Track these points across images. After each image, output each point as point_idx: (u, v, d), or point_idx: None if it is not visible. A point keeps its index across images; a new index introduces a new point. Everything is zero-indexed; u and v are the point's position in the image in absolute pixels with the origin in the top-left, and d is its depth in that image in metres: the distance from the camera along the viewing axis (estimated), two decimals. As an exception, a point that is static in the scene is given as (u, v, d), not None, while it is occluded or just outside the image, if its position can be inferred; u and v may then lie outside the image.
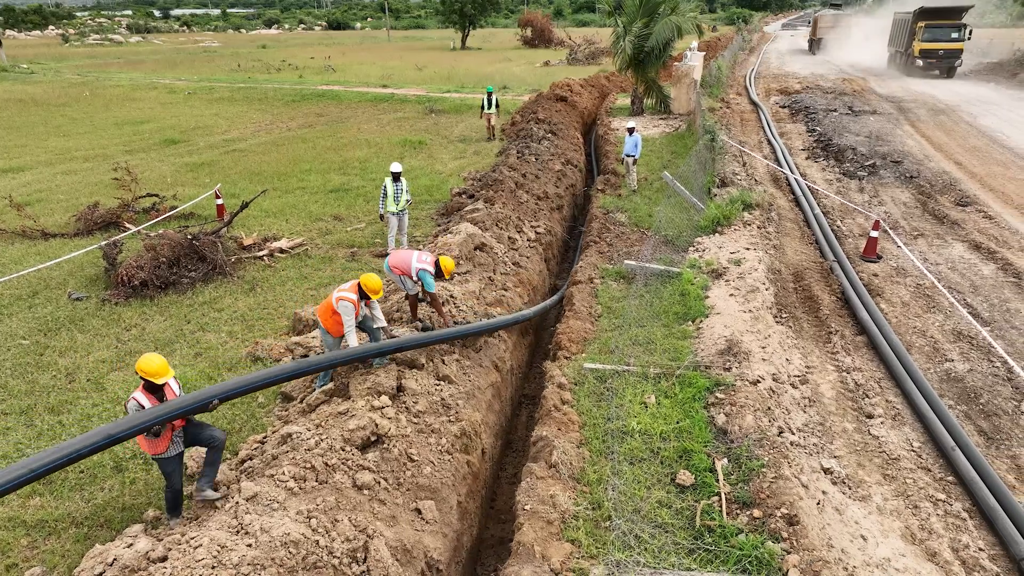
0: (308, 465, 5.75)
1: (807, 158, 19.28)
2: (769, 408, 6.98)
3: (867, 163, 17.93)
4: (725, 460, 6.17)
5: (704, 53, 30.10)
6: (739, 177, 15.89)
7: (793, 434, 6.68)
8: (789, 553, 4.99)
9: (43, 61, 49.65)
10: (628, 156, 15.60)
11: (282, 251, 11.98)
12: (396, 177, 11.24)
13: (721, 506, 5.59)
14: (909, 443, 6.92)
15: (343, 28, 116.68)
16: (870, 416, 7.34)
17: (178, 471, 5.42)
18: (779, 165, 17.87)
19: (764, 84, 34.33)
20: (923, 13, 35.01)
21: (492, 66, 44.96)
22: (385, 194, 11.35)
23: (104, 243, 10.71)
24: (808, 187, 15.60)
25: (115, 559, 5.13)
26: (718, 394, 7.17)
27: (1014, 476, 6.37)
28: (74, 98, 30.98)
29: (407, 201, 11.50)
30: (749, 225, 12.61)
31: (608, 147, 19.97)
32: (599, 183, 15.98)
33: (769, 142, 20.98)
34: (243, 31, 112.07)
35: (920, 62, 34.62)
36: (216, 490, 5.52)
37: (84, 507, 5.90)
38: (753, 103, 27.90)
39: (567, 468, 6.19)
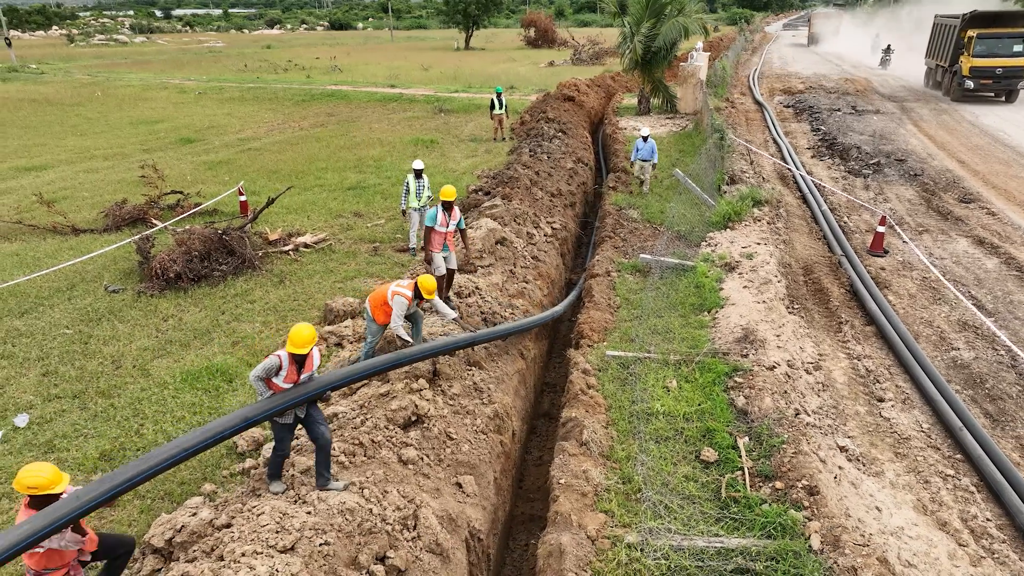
0: (356, 442, 6.14)
1: (812, 157, 19.65)
2: (785, 391, 7.35)
3: (872, 162, 18.30)
4: (746, 438, 6.55)
5: (709, 53, 30.45)
6: (747, 175, 16.27)
7: (809, 416, 7.05)
8: (811, 520, 5.36)
9: (51, 61, 49.99)
10: (644, 161, 15.31)
11: (306, 246, 12.34)
12: (418, 174, 11.58)
13: (744, 479, 5.97)
14: (919, 424, 7.29)
15: (345, 28, 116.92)
16: (881, 400, 7.71)
17: (287, 439, 5.52)
18: (785, 163, 18.24)
19: (767, 84, 34.71)
20: (976, 19, 26.70)
21: (497, 66, 45.31)
22: (407, 190, 11.68)
23: (137, 237, 11.07)
24: (815, 185, 15.98)
25: (183, 526, 5.52)
26: (737, 378, 7.54)
27: (1018, 454, 6.74)
28: (86, 98, 31.34)
29: (428, 197, 11.84)
30: (759, 221, 12.98)
31: (617, 146, 20.32)
32: (611, 181, 16.35)
33: (775, 141, 21.35)
34: (246, 31, 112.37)
35: (970, 83, 26.26)
36: (338, 480, 5.62)
37: (148, 483, 6.26)
38: (757, 103, 28.28)
39: (597, 446, 6.56)
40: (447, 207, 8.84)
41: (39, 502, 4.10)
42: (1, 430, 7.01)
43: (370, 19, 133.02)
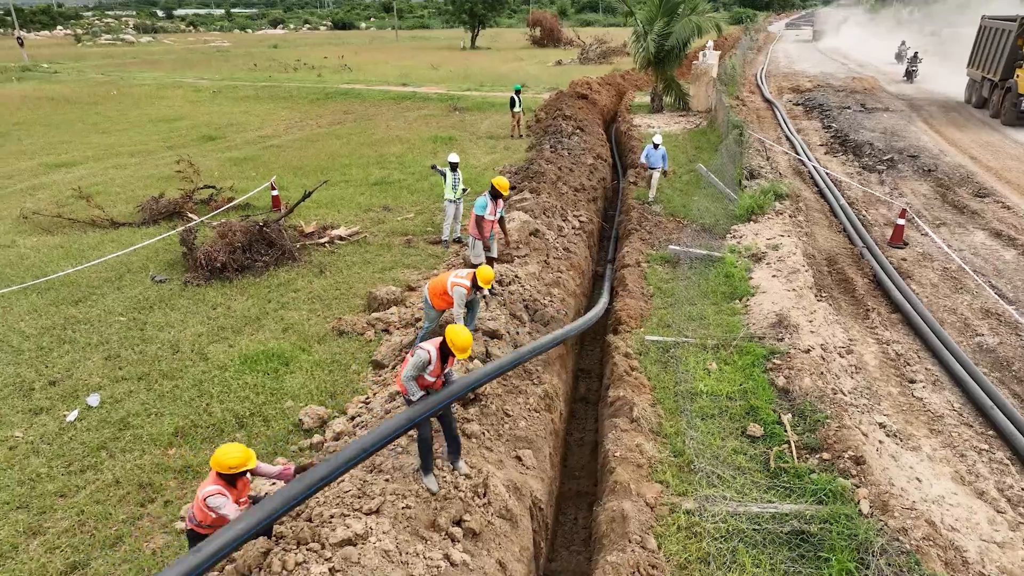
0: (422, 416, 6.45)
1: (826, 153, 19.96)
2: (822, 373, 7.68)
3: (885, 158, 18.61)
4: (790, 415, 6.88)
5: (719, 52, 30.76)
6: (764, 170, 16.59)
7: (845, 396, 7.38)
8: (859, 487, 5.69)
9: (61, 61, 50.30)
10: (652, 168, 14.89)
11: (341, 238, 12.67)
12: (454, 167, 11.91)
13: (792, 451, 6.30)
14: (950, 404, 7.62)
15: (348, 28, 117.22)
16: (912, 381, 8.04)
17: (427, 424, 5.47)
18: (800, 160, 18.55)
19: (775, 83, 34.99)
20: None
21: (506, 65, 45.63)
22: (445, 181, 12.02)
23: (182, 229, 11.40)
24: (831, 179, 16.30)
25: (266, 493, 5.84)
26: (775, 360, 7.87)
27: (1047, 431, 7.06)
28: (103, 97, 31.67)
29: (463, 190, 12.17)
30: (781, 214, 13.30)
31: (633, 143, 20.62)
32: (631, 176, 16.67)
33: (787, 138, 21.65)
34: (249, 31, 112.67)
35: None
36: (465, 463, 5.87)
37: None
38: (767, 101, 28.57)
39: (647, 422, 6.89)
40: (496, 196, 9.19)
41: (230, 477, 4.48)
42: (76, 409, 7.35)
43: (372, 19, 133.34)
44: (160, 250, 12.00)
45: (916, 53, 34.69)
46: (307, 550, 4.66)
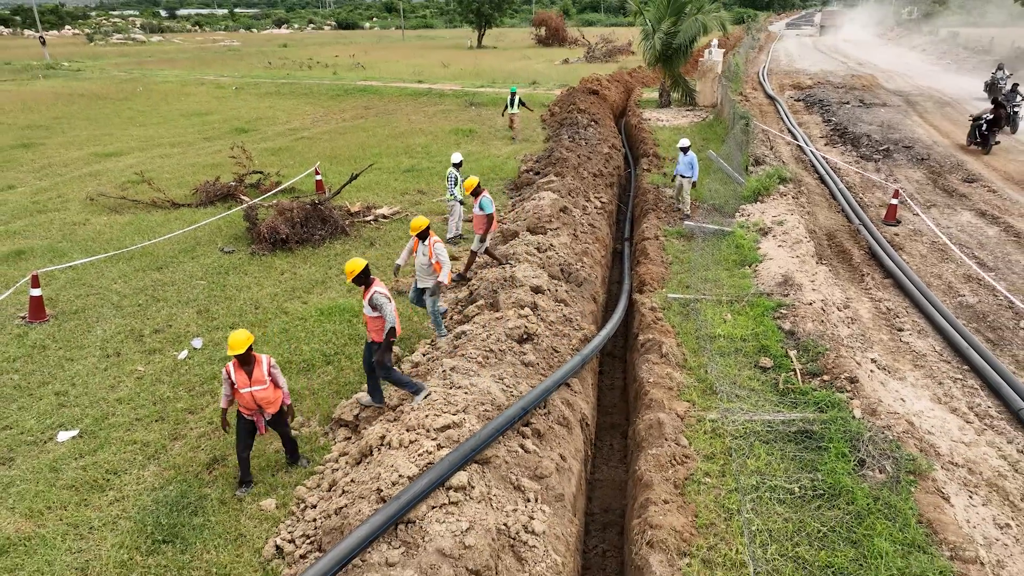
0: (487, 349, 7.71)
1: (826, 144, 21.19)
2: (823, 321, 8.92)
3: (881, 148, 19.86)
4: (795, 350, 8.12)
5: (724, 50, 32.02)
6: (768, 158, 17.83)
7: (843, 338, 8.62)
8: (853, 399, 6.93)
9: (79, 59, 51.57)
10: (683, 177, 13.83)
11: (384, 217, 13.92)
12: (458, 167, 12.44)
13: (797, 376, 7.54)
14: (933, 348, 8.86)
15: (352, 28, 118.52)
16: (900, 330, 9.29)
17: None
18: (802, 149, 19.79)
19: (777, 80, 36.22)
20: None
21: (513, 63, 46.88)
22: (455, 182, 12.26)
23: (245, 206, 12.65)
24: (830, 166, 17.54)
25: (360, 408, 7.11)
26: (782, 311, 9.11)
27: (1014, 366, 8.31)
28: (130, 93, 32.93)
29: (461, 190, 12.28)
30: (784, 196, 14.54)
31: (643, 135, 21.88)
32: (644, 164, 17.92)
33: (789, 131, 22.89)
34: (254, 31, 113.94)
35: None
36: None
37: (317, 383, 7.86)
38: (769, 97, 29.79)
39: (674, 357, 8.14)
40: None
41: (244, 359, 5.92)
42: (185, 349, 8.60)
43: (375, 19, 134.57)
44: (222, 227, 13.25)
45: (1016, 86, 20.23)
46: (416, 433, 5.90)
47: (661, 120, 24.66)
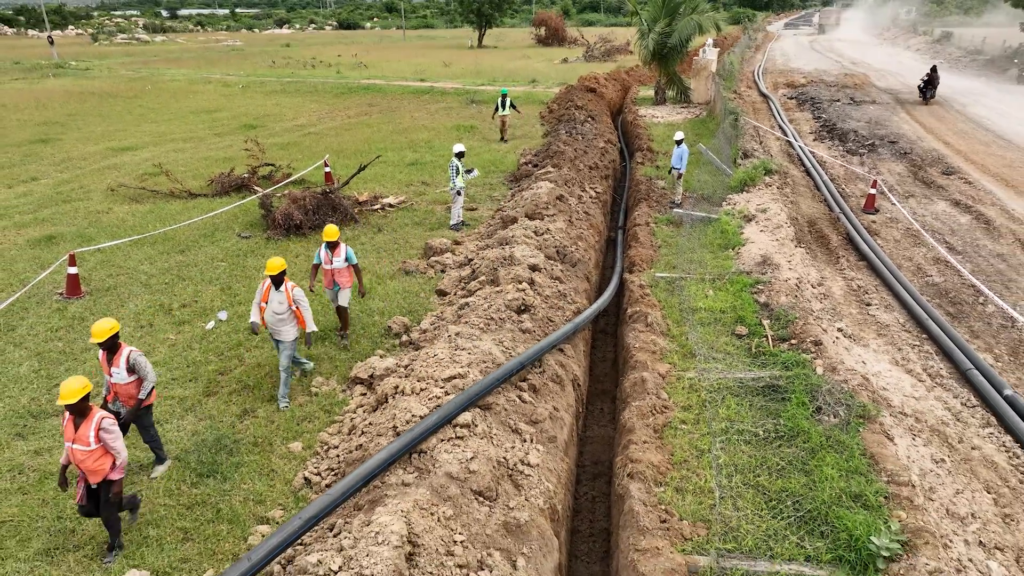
0: (488, 317, 8.52)
1: (814, 140, 22.00)
2: (796, 296, 9.72)
3: (867, 143, 20.66)
4: (768, 320, 8.92)
5: (719, 49, 32.80)
6: (757, 152, 18.63)
7: (813, 311, 9.42)
8: (816, 359, 7.73)
9: (86, 59, 52.39)
10: (675, 169, 14.67)
11: (391, 206, 14.72)
12: (460, 156, 13.20)
13: (768, 342, 8.34)
14: (897, 320, 9.66)
15: (353, 28, 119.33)
16: (868, 304, 10.09)
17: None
18: (790, 143, 20.59)
19: (771, 79, 37.02)
20: None
21: (513, 63, 47.66)
22: (458, 171, 13.02)
23: (261, 194, 13.46)
24: (817, 160, 18.33)
25: (374, 367, 7.93)
26: (759, 287, 9.91)
27: (969, 335, 9.11)
28: (139, 91, 33.74)
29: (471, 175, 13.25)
30: (770, 186, 15.34)
31: (639, 131, 22.67)
32: (639, 157, 18.72)
33: (780, 127, 23.70)
34: (256, 31, 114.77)
35: None
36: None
37: (331, 349, 8.66)
38: (763, 95, 30.62)
39: (658, 326, 8.94)
40: (332, 246, 8.65)
41: (76, 410, 5.08)
42: (212, 320, 9.40)
43: (375, 19, 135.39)
44: (239, 215, 14.05)
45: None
46: (426, 383, 6.70)
47: (656, 117, 25.46)
